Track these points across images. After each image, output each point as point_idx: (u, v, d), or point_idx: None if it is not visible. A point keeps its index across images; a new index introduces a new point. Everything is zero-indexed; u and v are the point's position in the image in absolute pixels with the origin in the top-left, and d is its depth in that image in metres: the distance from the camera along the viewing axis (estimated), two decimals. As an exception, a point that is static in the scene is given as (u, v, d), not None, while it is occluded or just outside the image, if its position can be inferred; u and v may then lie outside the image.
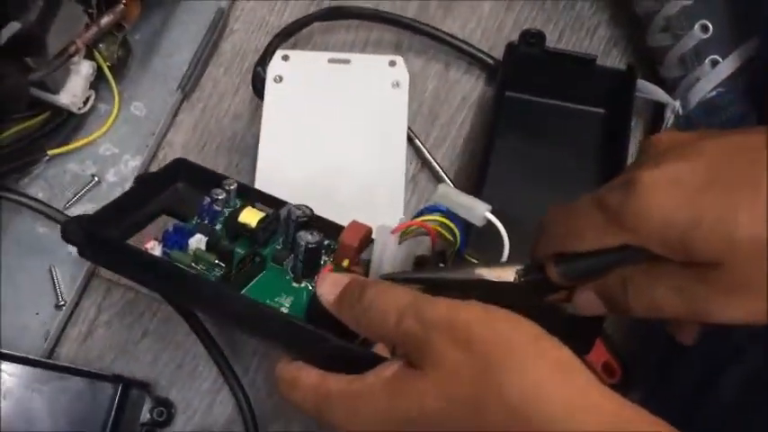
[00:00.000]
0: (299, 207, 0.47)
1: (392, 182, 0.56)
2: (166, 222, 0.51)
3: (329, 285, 0.40)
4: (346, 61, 0.58)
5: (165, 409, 0.55)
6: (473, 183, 0.59)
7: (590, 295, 0.39)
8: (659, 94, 0.61)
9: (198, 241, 0.46)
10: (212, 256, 0.46)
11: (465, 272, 0.42)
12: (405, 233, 0.44)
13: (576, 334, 0.44)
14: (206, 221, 0.48)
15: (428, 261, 0.45)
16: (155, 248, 0.45)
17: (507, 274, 0.41)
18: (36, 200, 0.59)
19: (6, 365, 0.54)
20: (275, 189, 0.51)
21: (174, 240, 0.46)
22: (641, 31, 0.64)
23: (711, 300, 0.35)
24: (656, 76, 0.63)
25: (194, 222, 0.49)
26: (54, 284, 0.58)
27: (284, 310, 0.44)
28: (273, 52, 0.59)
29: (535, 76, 0.62)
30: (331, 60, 0.58)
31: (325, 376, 0.39)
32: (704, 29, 0.59)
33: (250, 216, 0.47)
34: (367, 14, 0.65)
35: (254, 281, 0.46)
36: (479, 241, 0.45)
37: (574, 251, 0.38)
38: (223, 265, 0.46)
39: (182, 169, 0.52)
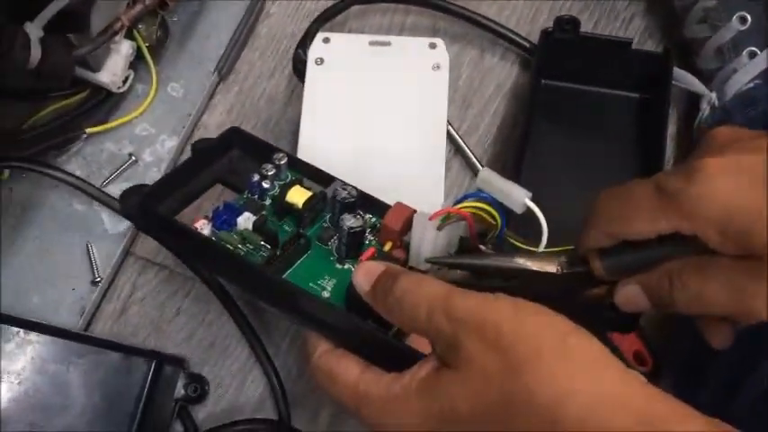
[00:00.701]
0: (344, 187, 0.47)
1: (432, 164, 0.56)
2: (221, 193, 0.52)
3: (364, 274, 0.41)
4: (387, 44, 0.59)
5: (199, 385, 0.55)
6: (510, 170, 0.59)
7: (634, 289, 0.39)
8: (696, 84, 0.61)
9: (246, 220, 0.46)
10: (259, 237, 0.46)
11: (508, 260, 0.42)
12: (444, 219, 0.44)
13: (614, 325, 0.45)
14: (255, 196, 0.49)
15: (470, 243, 0.45)
16: (204, 227, 0.46)
17: (550, 265, 0.41)
18: (74, 176, 0.59)
19: (43, 338, 0.54)
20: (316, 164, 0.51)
21: (224, 219, 0.46)
22: (677, 22, 0.63)
23: (762, 297, 0.35)
24: (691, 68, 0.62)
25: (245, 197, 0.49)
26: (90, 261, 0.59)
27: (326, 294, 0.45)
28: (314, 35, 0.59)
29: (570, 63, 0.62)
30: (372, 43, 0.59)
31: (364, 374, 0.39)
32: (742, 20, 0.59)
33: (297, 195, 0.47)
34: None
35: (299, 262, 0.46)
36: (519, 227, 0.45)
37: (624, 234, 0.38)
38: (269, 246, 0.46)
39: (236, 138, 0.53)
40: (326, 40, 0.59)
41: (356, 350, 0.40)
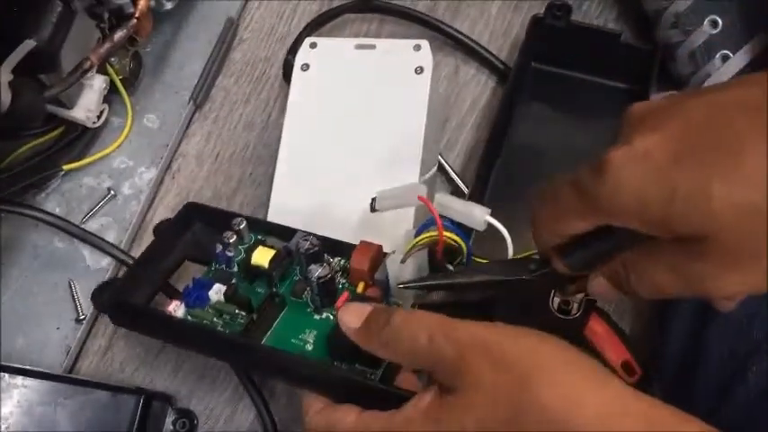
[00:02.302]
0: (306, 238, 0.48)
1: (409, 165, 0.55)
2: (191, 269, 0.53)
3: (352, 314, 0.41)
4: (372, 47, 0.58)
5: (188, 420, 0.55)
6: (491, 150, 0.59)
7: (601, 281, 0.39)
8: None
9: (217, 292, 0.47)
10: (232, 306, 0.47)
11: (481, 273, 0.43)
12: (408, 251, 0.45)
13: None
14: (223, 266, 0.50)
15: (439, 264, 0.45)
16: (178, 309, 0.47)
17: (520, 271, 0.42)
18: (53, 215, 0.59)
19: (29, 381, 0.54)
20: (298, 175, 0.54)
21: (195, 297, 0.47)
22: (650, 28, 0.64)
23: (707, 275, 0.34)
24: (667, 72, 0.63)
25: (213, 269, 0.50)
26: (73, 298, 0.58)
27: (309, 347, 0.45)
28: (303, 41, 0.60)
29: (559, 49, 0.62)
30: (358, 46, 0.59)
31: (363, 416, 0.39)
32: (714, 24, 0.59)
33: (262, 256, 0.48)
34: (395, 10, 0.66)
35: (277, 321, 0.47)
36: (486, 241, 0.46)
37: (562, 232, 0.38)
38: (244, 313, 0.47)
39: (193, 212, 0.54)
40: (313, 45, 0.59)
41: (347, 400, 0.41)
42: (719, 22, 0.59)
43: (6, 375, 0.54)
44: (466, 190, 0.61)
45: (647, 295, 0.37)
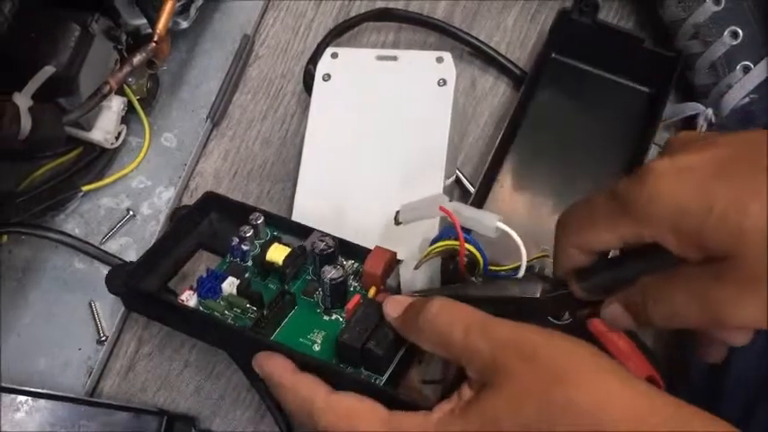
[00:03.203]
0: (322, 239, 0.48)
1: (432, 177, 0.55)
2: (205, 258, 0.53)
3: (394, 305, 0.43)
4: (393, 58, 0.58)
5: (210, 441, 0.55)
6: (502, 141, 0.59)
7: (617, 308, 0.39)
8: (689, 107, 0.60)
9: (230, 285, 0.47)
10: (244, 300, 0.47)
11: (494, 289, 0.43)
12: (423, 258, 0.45)
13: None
14: (237, 259, 0.50)
15: (458, 274, 0.45)
16: (190, 298, 0.47)
17: (533, 290, 0.42)
18: (72, 236, 0.59)
19: (51, 403, 0.54)
20: (319, 184, 0.54)
21: (208, 287, 0.47)
22: (669, 38, 0.63)
23: (725, 299, 0.34)
24: (686, 82, 0.62)
25: (227, 261, 0.50)
26: (95, 319, 0.58)
27: (316, 347, 0.46)
28: (323, 51, 0.59)
29: (581, 45, 0.62)
30: (379, 57, 0.58)
31: (393, 416, 0.39)
32: (734, 35, 0.58)
33: (276, 253, 0.48)
34: (414, 18, 0.66)
35: (286, 320, 0.47)
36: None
37: (589, 244, 0.39)
38: (255, 308, 0.47)
39: (212, 202, 0.53)
40: (335, 55, 0.59)
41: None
42: (740, 33, 0.58)
43: (30, 399, 0.54)
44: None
45: (661, 322, 0.38)
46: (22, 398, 0.54)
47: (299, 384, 0.42)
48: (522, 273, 0.44)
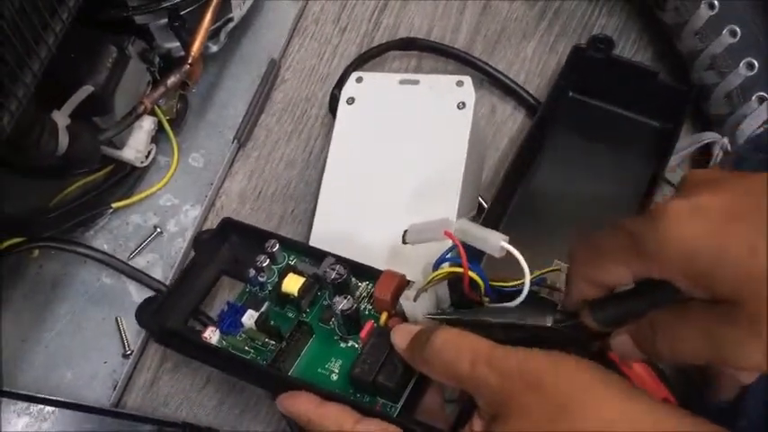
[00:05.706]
0: (333, 266, 0.49)
1: (448, 199, 0.56)
2: (227, 284, 0.56)
3: (401, 335, 0.43)
4: (415, 82, 0.60)
5: (232, 454, 0.56)
6: (514, 173, 0.60)
7: (625, 340, 0.40)
8: (705, 136, 0.61)
9: (249, 318, 0.49)
10: (262, 335, 0.49)
11: (504, 316, 0.44)
12: (420, 290, 0.46)
13: None
14: (256, 288, 0.52)
15: (468, 298, 0.46)
16: (213, 335, 0.49)
17: (544, 319, 0.43)
18: (101, 252, 0.61)
19: (76, 414, 0.55)
20: (339, 205, 0.56)
21: (229, 323, 0.49)
22: (685, 69, 0.65)
23: (733, 340, 0.34)
24: (702, 112, 0.63)
25: (246, 291, 0.52)
26: (121, 334, 0.60)
27: (335, 377, 0.47)
28: (349, 76, 0.61)
29: (595, 81, 0.63)
30: (402, 81, 0.60)
31: None
32: (750, 66, 0.60)
33: (292, 284, 0.50)
34: (437, 49, 0.68)
35: (305, 350, 0.49)
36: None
37: (601, 279, 0.39)
38: (273, 342, 0.49)
39: (230, 228, 0.56)
40: (359, 80, 0.61)
41: None
42: (756, 64, 0.60)
43: (56, 409, 0.55)
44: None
45: (668, 357, 0.38)
46: (49, 408, 0.55)
47: (325, 418, 0.44)
48: (525, 293, 0.44)
